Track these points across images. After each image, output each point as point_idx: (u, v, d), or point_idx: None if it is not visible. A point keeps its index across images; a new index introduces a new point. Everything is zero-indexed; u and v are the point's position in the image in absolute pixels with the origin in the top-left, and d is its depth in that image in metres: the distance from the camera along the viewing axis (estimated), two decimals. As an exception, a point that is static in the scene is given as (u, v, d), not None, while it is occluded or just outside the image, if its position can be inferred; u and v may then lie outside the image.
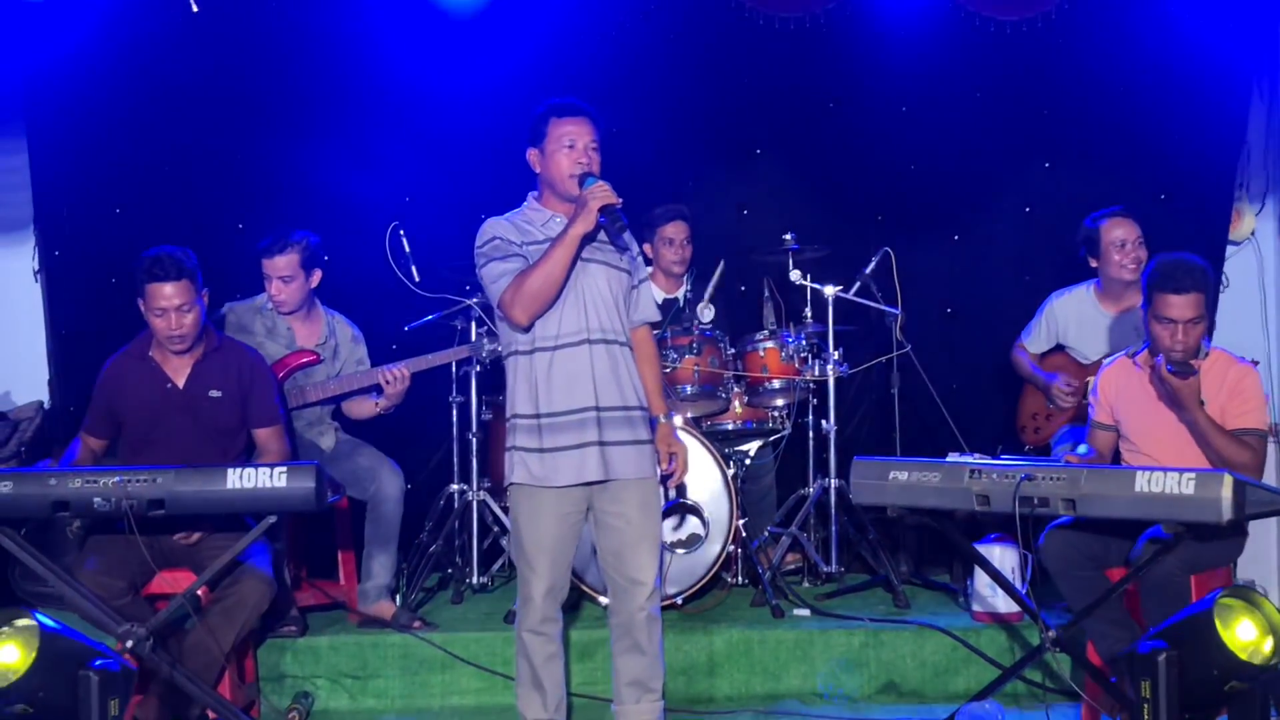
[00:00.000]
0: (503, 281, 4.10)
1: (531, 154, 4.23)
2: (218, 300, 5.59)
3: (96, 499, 4.00)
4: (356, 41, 6.37)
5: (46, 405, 6.21)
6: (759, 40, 6.35)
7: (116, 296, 5.73)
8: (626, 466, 4.18)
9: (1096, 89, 6.46)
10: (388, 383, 5.38)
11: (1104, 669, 4.36)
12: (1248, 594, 3.70)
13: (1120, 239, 5.58)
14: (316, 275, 5.47)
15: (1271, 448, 5.56)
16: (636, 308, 4.35)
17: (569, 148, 4.15)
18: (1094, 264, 5.67)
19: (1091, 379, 5.54)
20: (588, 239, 4.09)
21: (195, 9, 4.04)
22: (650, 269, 6.28)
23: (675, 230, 6.10)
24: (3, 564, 5.44)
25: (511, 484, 4.23)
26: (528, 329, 4.13)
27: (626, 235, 4.19)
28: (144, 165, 6.49)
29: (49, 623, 3.76)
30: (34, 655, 3.66)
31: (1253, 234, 6.53)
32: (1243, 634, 3.63)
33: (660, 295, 6.14)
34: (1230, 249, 6.50)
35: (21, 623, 3.73)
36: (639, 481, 4.22)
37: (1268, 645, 3.60)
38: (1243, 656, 3.59)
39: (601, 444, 4.13)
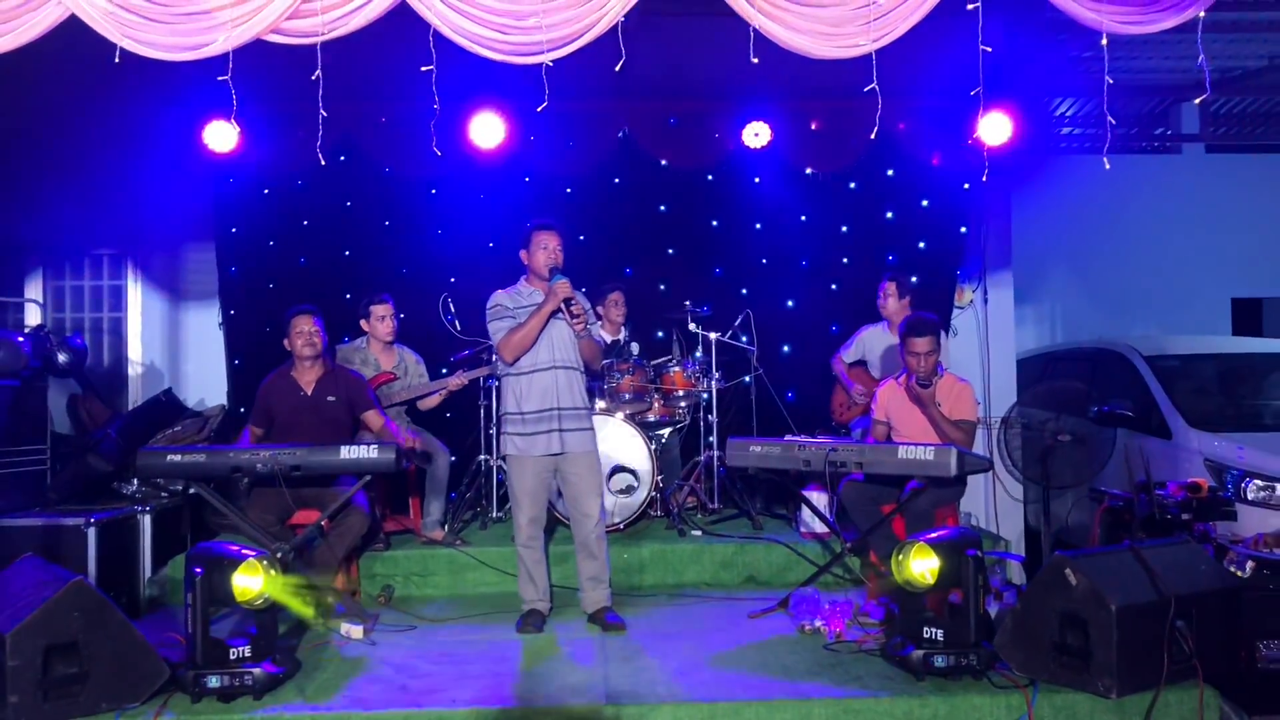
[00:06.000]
0: (498, 336, 4.20)
1: (522, 253, 4.30)
2: (330, 341, 5.57)
3: (258, 464, 4.00)
4: (421, 181, 6.37)
5: (226, 407, 6.15)
6: (670, 183, 6.45)
7: (270, 340, 5.67)
8: (576, 444, 4.23)
9: (879, 217, 6.58)
10: (455, 386, 5.46)
11: (880, 566, 4.44)
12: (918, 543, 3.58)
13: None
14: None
15: (981, 431, 5.69)
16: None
17: (544, 249, 4.22)
18: None
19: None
20: (555, 312, 4.16)
21: (323, 163, 4.04)
22: (601, 320, 6.30)
23: (615, 298, 6.12)
24: (200, 506, 5.38)
25: (505, 455, 4.29)
26: (513, 363, 4.20)
27: (576, 307, 4.15)
28: (288, 255, 6.46)
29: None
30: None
31: (971, 302, 6.67)
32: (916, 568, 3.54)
33: (608, 337, 6.17)
34: (957, 311, 6.61)
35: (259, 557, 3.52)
36: (585, 454, 4.27)
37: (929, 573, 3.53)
38: (919, 581, 3.53)
39: (560, 430, 4.19)
